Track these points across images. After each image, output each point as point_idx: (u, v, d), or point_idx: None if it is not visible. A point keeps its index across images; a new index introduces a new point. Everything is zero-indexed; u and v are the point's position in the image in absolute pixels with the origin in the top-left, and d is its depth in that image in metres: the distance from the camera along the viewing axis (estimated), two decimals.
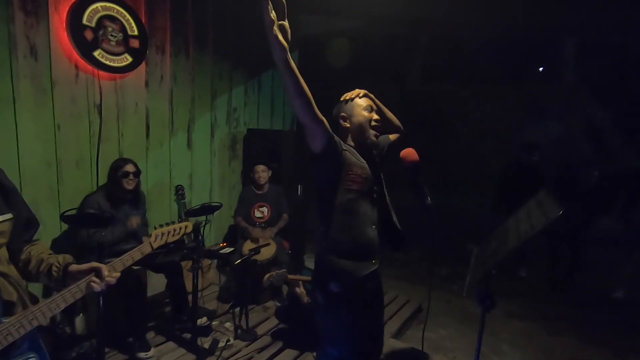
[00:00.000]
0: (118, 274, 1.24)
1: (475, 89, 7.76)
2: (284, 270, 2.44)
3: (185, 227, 1.46)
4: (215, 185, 3.96)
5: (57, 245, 2.76)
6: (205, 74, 3.71)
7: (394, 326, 2.95)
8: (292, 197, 3.82)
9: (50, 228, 2.69)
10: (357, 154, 1.56)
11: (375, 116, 1.60)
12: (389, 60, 8.02)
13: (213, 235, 4.00)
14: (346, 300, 1.52)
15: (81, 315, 2.58)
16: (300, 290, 2.71)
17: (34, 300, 1.27)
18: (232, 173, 4.12)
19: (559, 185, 3.90)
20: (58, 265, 1.19)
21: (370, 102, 1.62)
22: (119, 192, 2.64)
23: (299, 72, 1.35)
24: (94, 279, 1.16)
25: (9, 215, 1.16)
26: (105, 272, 1.18)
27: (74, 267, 1.19)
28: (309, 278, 2.60)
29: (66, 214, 1.97)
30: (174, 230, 1.42)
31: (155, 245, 1.36)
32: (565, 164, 4.02)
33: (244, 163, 4.13)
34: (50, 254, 1.24)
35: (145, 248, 1.32)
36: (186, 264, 2.92)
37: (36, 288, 2.45)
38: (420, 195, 1.51)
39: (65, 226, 2.75)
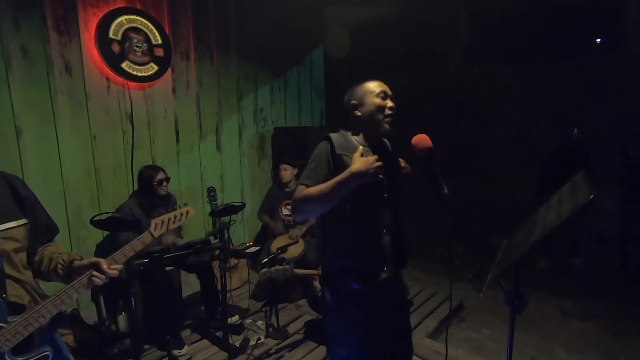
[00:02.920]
0: (120, 266, 1.26)
1: (523, 67, 7.13)
2: (288, 265, 2.36)
3: (187, 212, 1.45)
4: (247, 186, 4.01)
5: (101, 249, 2.95)
6: (230, 76, 3.76)
7: (430, 325, 2.77)
8: None
9: (93, 233, 2.88)
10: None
11: (390, 103, 1.44)
12: (427, 45, 7.63)
13: (247, 234, 4.07)
14: (356, 301, 1.41)
15: (123, 313, 2.73)
16: (316, 284, 2.64)
17: None
18: (262, 173, 4.15)
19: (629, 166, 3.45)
20: (62, 263, 1.23)
21: (385, 87, 1.47)
22: (153, 199, 2.74)
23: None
24: (95, 273, 1.19)
25: (22, 221, 1.22)
26: (104, 266, 1.20)
27: (77, 263, 1.23)
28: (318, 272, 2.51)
29: (95, 218, 2.08)
30: (175, 217, 1.42)
31: (156, 234, 1.37)
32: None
33: (273, 162, 4.14)
34: (61, 252, 1.29)
35: (145, 238, 1.34)
36: (216, 264, 2.98)
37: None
38: (435, 185, 1.36)
39: (106, 232, 2.93)
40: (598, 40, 7.31)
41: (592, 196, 0.85)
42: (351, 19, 5.82)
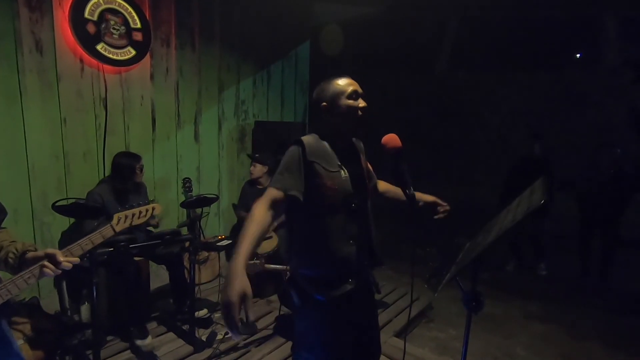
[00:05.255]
0: (76, 259, 1.22)
1: (506, 76, 7.30)
2: (259, 261, 2.33)
3: (153, 208, 1.41)
4: (224, 178, 3.96)
5: (65, 237, 2.85)
6: (212, 65, 3.69)
7: (399, 324, 2.81)
8: None
9: (59, 219, 2.77)
10: (332, 158, 1.37)
11: (362, 103, 1.38)
12: (414, 47, 7.69)
13: (222, 227, 4.02)
14: (321, 307, 1.36)
15: (86, 303, 2.65)
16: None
17: None
18: (241, 166, 4.10)
19: (585, 177, 3.56)
20: (15, 252, 1.19)
21: (355, 85, 1.40)
22: (127, 186, 2.67)
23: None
24: (47, 264, 1.14)
25: None
26: (60, 258, 1.17)
27: (30, 254, 1.18)
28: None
29: (57, 204, 2.00)
30: (140, 212, 1.39)
31: (117, 229, 1.33)
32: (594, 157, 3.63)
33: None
34: (13, 241, 1.24)
35: (106, 231, 1.30)
36: (187, 256, 2.93)
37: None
38: (402, 184, 1.37)
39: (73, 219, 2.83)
40: (578, 55, 7.56)
41: (543, 201, 0.87)
42: (340, 17, 5.80)
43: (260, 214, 1.19)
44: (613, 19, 6.46)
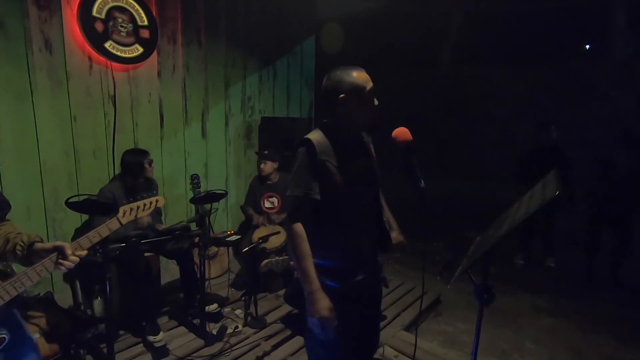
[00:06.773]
0: (84, 252, 1.24)
1: (511, 69, 7.22)
2: (286, 257, 2.37)
3: (156, 200, 1.44)
4: (231, 174, 3.98)
5: (79, 234, 2.89)
6: (218, 62, 3.70)
7: (407, 318, 2.82)
8: None
9: (70, 216, 2.82)
10: (340, 153, 1.37)
11: (376, 102, 1.38)
12: (419, 41, 7.65)
13: (230, 222, 4.05)
14: (335, 296, 1.37)
15: (99, 298, 2.69)
16: None
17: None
18: (248, 162, 4.12)
19: (600, 166, 3.52)
20: (22, 244, 1.20)
21: (371, 81, 1.37)
22: (138, 182, 2.69)
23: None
24: (63, 261, 1.17)
25: None
26: (69, 251, 1.19)
27: (38, 245, 1.20)
28: None
29: (70, 200, 2.03)
30: (144, 205, 1.41)
31: (123, 221, 1.36)
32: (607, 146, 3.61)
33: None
34: (19, 233, 1.26)
35: (112, 224, 1.32)
36: (196, 251, 2.96)
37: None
38: (413, 178, 1.37)
39: (85, 216, 2.87)
40: (587, 46, 7.44)
41: (557, 192, 0.87)
42: (344, 11, 5.78)
43: (302, 229, 1.31)
44: (622, 10, 6.36)
